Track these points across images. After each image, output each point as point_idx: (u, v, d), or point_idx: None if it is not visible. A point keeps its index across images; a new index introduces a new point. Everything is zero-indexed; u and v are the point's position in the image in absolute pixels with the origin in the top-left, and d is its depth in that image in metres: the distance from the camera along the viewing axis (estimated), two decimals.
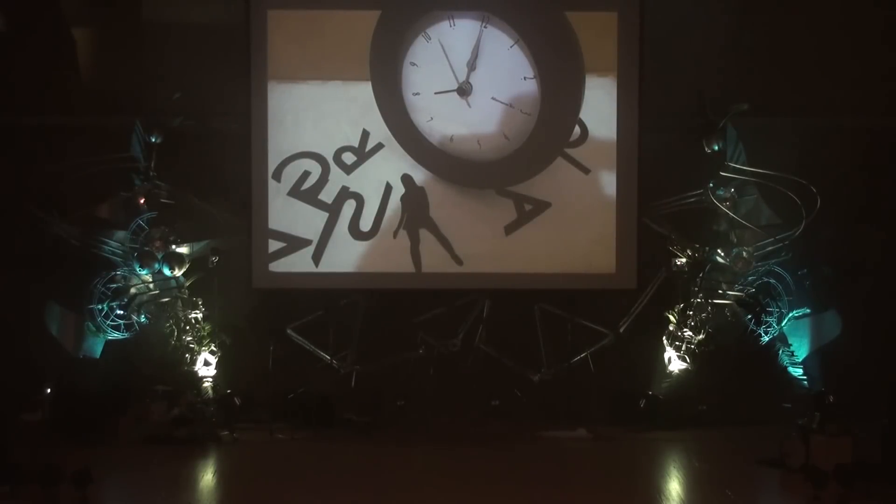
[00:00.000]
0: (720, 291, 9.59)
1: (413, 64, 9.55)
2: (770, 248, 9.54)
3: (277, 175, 9.59)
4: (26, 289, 9.46)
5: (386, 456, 8.41)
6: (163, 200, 9.61)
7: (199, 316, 9.60)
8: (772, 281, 9.58)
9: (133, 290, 9.56)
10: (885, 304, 9.54)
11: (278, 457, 8.44)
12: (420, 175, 9.61)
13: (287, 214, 9.62)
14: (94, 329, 9.48)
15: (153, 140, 9.56)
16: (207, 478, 7.90)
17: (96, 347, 9.52)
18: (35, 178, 9.43)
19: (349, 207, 9.62)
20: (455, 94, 9.54)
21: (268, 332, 9.61)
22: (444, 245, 9.61)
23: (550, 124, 9.56)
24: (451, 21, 9.54)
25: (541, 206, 9.61)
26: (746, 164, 9.56)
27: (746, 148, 9.59)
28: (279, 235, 9.62)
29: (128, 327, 9.55)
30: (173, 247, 9.56)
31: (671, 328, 9.65)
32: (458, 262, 9.62)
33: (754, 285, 9.57)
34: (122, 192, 9.63)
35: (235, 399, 9.32)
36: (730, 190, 9.60)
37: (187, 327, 9.55)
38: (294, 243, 9.62)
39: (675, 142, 9.74)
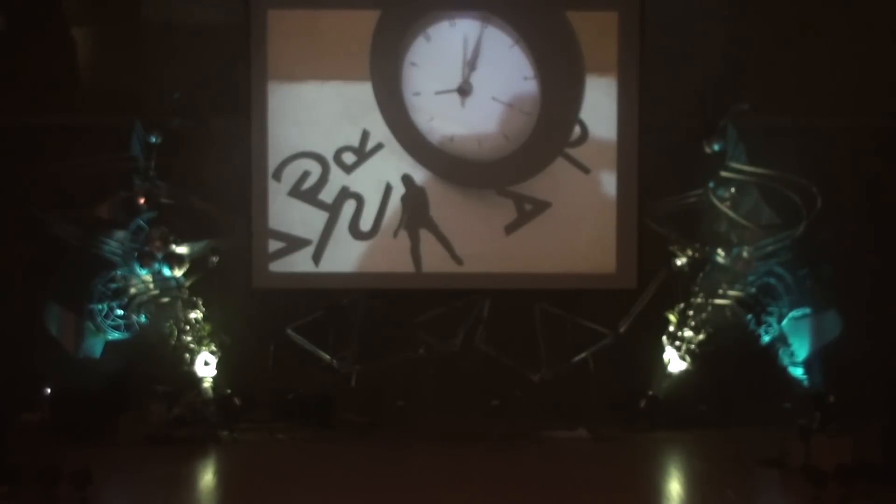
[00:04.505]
0: (720, 291, 9.58)
1: (413, 64, 9.55)
2: (770, 248, 9.52)
3: (277, 175, 9.59)
4: (26, 289, 9.46)
5: (386, 456, 8.41)
6: (163, 200, 9.60)
7: (199, 316, 9.60)
8: (772, 281, 9.57)
9: (133, 290, 9.55)
10: (886, 303, 9.55)
11: (278, 457, 8.44)
12: (420, 175, 9.61)
13: (287, 214, 9.62)
14: (94, 329, 9.48)
15: (153, 140, 9.55)
16: (207, 478, 7.91)
17: (96, 347, 9.50)
18: (35, 178, 9.42)
19: (349, 207, 9.62)
20: (455, 94, 9.54)
21: (268, 332, 9.63)
22: (445, 245, 9.61)
23: (550, 124, 9.56)
24: (452, 21, 9.54)
25: (541, 206, 9.60)
26: (746, 164, 9.56)
27: (746, 148, 9.58)
28: (279, 235, 9.62)
29: (128, 327, 9.55)
30: (173, 247, 9.55)
31: (671, 328, 9.65)
32: (459, 262, 9.62)
33: (754, 285, 9.57)
34: (122, 192, 9.62)
35: (235, 399, 9.30)
36: (730, 190, 9.59)
37: (187, 327, 9.54)
38: (294, 243, 9.62)
39: (675, 142, 9.73)
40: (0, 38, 9.83)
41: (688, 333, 9.57)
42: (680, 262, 9.64)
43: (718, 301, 9.58)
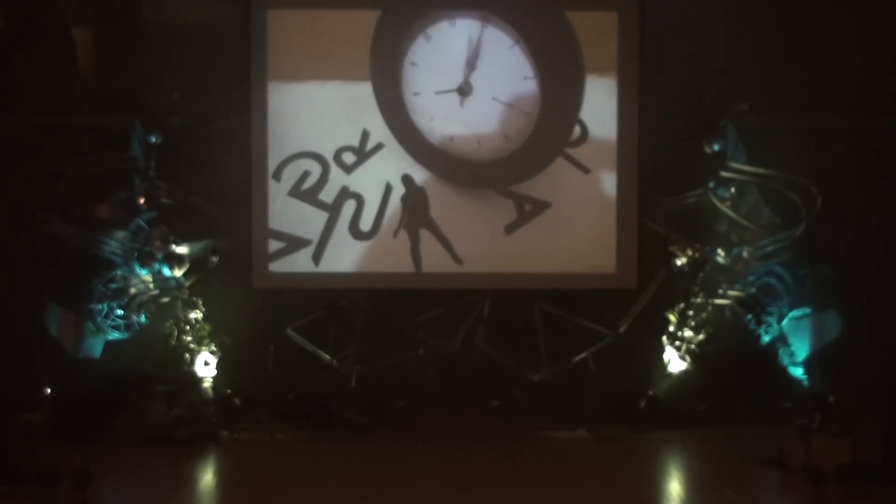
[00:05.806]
0: (720, 291, 9.59)
1: (413, 64, 9.55)
2: (770, 248, 9.53)
3: (277, 175, 9.59)
4: (26, 289, 9.46)
5: (386, 456, 8.41)
6: (163, 200, 9.61)
7: (199, 316, 9.60)
8: (772, 281, 9.57)
9: (133, 290, 9.55)
10: (885, 304, 9.54)
11: (278, 457, 8.44)
12: (420, 175, 9.60)
13: (287, 214, 9.62)
14: (94, 329, 9.48)
15: (153, 140, 9.56)
16: (207, 478, 7.91)
17: (96, 347, 9.51)
18: (35, 178, 9.42)
19: (349, 207, 9.62)
20: (455, 94, 9.54)
21: (268, 332, 9.63)
22: (445, 245, 9.61)
23: (550, 124, 9.55)
24: (452, 21, 9.54)
25: (541, 206, 9.60)
26: (746, 164, 9.56)
27: (746, 148, 9.58)
28: (279, 235, 9.62)
29: (128, 327, 9.55)
30: (173, 247, 9.56)
31: (671, 328, 9.65)
32: (459, 262, 9.61)
33: (754, 285, 9.57)
34: (122, 192, 9.63)
35: (235, 399, 9.32)
36: (730, 190, 9.60)
37: (187, 327, 9.55)
38: (294, 243, 9.62)
39: (675, 142, 9.73)
40: (0, 38, 9.82)
41: (688, 333, 9.57)
42: (680, 262, 9.65)
43: (718, 301, 9.59)
